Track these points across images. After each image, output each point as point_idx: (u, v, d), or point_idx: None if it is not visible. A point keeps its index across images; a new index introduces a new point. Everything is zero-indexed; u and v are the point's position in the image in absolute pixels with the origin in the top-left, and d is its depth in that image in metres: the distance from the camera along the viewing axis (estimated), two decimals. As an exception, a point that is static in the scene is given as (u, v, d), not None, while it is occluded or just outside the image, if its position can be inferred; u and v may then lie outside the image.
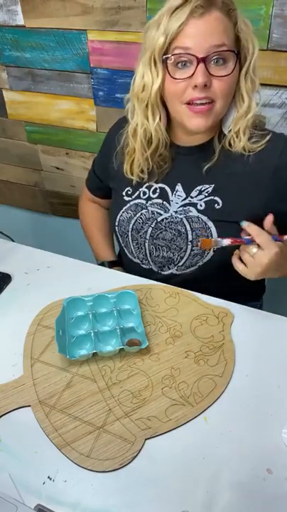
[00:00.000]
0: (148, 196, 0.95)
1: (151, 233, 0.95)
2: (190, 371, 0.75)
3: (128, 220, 0.97)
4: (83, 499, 0.59)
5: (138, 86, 0.82)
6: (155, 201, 0.94)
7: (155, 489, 0.60)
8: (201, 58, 0.74)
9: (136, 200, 0.96)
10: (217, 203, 0.89)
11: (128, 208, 0.97)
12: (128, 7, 1.16)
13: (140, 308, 0.84)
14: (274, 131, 0.87)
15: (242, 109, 0.81)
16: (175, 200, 0.93)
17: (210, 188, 0.89)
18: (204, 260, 0.92)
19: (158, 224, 0.94)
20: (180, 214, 0.92)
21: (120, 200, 0.99)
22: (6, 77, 1.48)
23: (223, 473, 0.62)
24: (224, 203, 0.88)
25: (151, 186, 0.95)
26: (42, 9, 1.28)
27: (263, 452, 0.64)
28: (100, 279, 0.96)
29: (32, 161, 1.67)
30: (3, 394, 0.72)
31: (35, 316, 0.87)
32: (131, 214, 0.97)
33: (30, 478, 0.62)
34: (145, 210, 0.95)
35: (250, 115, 0.81)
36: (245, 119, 0.82)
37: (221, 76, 0.76)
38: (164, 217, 0.93)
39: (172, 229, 0.93)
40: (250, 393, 0.72)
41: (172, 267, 0.96)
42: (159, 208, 0.94)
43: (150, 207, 0.95)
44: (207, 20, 0.73)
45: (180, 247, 0.93)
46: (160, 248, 0.96)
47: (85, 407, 0.70)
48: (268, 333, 0.82)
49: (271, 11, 1.04)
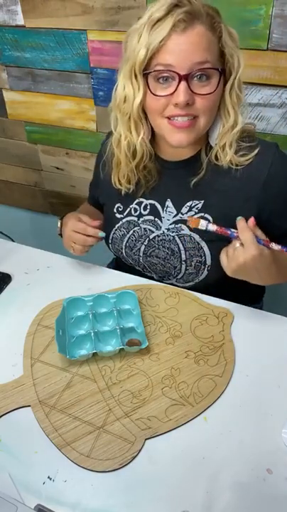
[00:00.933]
0: (140, 213, 0.94)
1: (144, 251, 0.95)
2: (190, 371, 0.75)
3: (121, 238, 0.96)
4: (83, 499, 0.59)
5: (120, 97, 0.78)
6: (147, 218, 0.93)
7: (155, 489, 0.60)
8: (183, 76, 0.71)
9: (128, 218, 0.95)
10: (208, 219, 0.86)
11: (121, 225, 0.96)
12: (128, 7, 1.16)
13: (140, 308, 0.84)
14: (264, 140, 0.84)
15: (228, 123, 0.78)
16: (167, 217, 0.91)
17: (200, 204, 0.87)
18: (200, 278, 0.91)
19: (150, 242, 0.93)
20: (172, 232, 0.90)
21: (112, 217, 0.98)
22: (6, 77, 1.48)
23: (223, 473, 0.62)
24: (214, 219, 0.86)
25: (141, 203, 0.93)
26: (42, 9, 1.28)
27: (263, 452, 0.64)
28: (100, 279, 0.96)
29: (32, 161, 1.67)
30: (3, 394, 0.72)
31: (35, 316, 0.87)
32: (124, 232, 0.96)
33: (30, 478, 0.62)
34: (138, 227, 0.94)
35: (236, 129, 0.78)
36: (231, 133, 0.79)
37: (204, 94, 0.73)
38: (156, 234, 0.92)
39: (165, 247, 0.92)
40: (250, 393, 0.72)
41: (172, 279, 0.96)
42: (151, 225, 0.93)
43: (143, 224, 0.93)
44: (189, 35, 0.69)
45: (175, 266, 0.92)
46: (155, 264, 0.95)
47: (85, 407, 0.70)
48: (268, 333, 0.82)
49: (271, 11, 1.04)
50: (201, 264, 0.89)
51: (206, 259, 0.88)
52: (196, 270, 0.90)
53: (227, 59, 0.74)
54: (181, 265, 0.91)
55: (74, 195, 1.66)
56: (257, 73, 1.13)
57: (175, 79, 0.72)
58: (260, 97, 1.17)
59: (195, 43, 0.70)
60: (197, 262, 0.89)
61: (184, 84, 0.71)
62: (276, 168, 0.82)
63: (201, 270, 0.90)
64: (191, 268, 0.91)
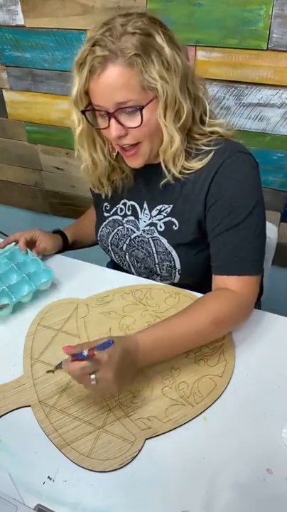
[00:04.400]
0: (125, 213, 0.96)
1: (126, 249, 0.96)
2: (189, 371, 0.75)
3: (107, 235, 0.98)
4: (83, 499, 0.59)
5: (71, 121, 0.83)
6: (130, 218, 0.95)
7: (155, 489, 0.60)
8: (111, 114, 0.75)
9: (114, 217, 0.97)
10: (175, 224, 0.88)
11: (107, 223, 0.98)
12: (128, 7, 1.16)
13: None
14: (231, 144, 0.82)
15: (164, 143, 0.79)
16: (143, 219, 0.93)
17: (169, 208, 0.88)
18: (175, 281, 0.92)
19: (131, 241, 0.95)
20: (147, 234, 0.92)
21: (101, 215, 1.00)
22: (6, 77, 1.48)
23: (223, 473, 0.62)
24: (179, 223, 0.87)
25: (125, 203, 0.96)
26: (42, 9, 1.28)
27: (263, 452, 0.64)
28: (100, 279, 0.96)
29: (32, 161, 1.67)
30: (3, 394, 0.72)
31: (35, 316, 0.87)
32: (110, 229, 0.98)
33: (30, 478, 0.62)
34: (122, 226, 0.96)
35: (175, 147, 0.79)
36: (170, 151, 0.80)
37: (133, 127, 0.76)
38: (136, 235, 0.94)
39: (144, 248, 0.93)
40: (250, 393, 0.72)
41: (156, 278, 0.96)
42: (133, 226, 0.94)
43: (126, 224, 0.95)
44: (105, 78, 0.72)
45: (151, 268, 0.94)
46: (136, 264, 0.97)
47: (85, 407, 0.70)
48: (268, 333, 0.82)
49: (271, 11, 1.04)
50: (171, 268, 0.90)
51: (175, 264, 0.89)
52: (168, 274, 0.92)
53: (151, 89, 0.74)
54: (155, 267, 0.92)
55: (74, 195, 1.66)
56: (257, 73, 1.13)
57: (107, 115, 0.76)
58: (260, 97, 1.17)
59: (111, 84, 0.73)
60: (168, 266, 0.90)
61: (113, 121, 0.76)
62: (222, 172, 0.80)
63: (173, 274, 0.91)
64: (164, 271, 0.92)
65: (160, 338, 0.71)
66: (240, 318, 0.81)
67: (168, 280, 0.94)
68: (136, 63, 0.71)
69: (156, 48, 0.72)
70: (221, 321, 0.76)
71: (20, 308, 0.90)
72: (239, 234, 0.80)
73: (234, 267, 0.80)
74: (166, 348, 0.72)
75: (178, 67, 0.74)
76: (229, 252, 0.80)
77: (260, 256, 0.82)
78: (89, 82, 0.74)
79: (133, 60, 0.71)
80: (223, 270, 0.81)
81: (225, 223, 0.80)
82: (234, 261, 0.80)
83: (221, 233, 0.81)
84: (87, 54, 0.72)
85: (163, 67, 0.73)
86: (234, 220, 0.79)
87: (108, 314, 0.87)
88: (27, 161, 1.68)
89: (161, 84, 0.73)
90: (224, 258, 0.81)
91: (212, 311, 0.75)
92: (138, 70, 0.72)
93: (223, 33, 1.12)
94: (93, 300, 0.90)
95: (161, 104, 0.75)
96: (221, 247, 0.82)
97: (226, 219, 0.80)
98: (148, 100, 0.75)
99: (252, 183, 0.81)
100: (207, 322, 0.74)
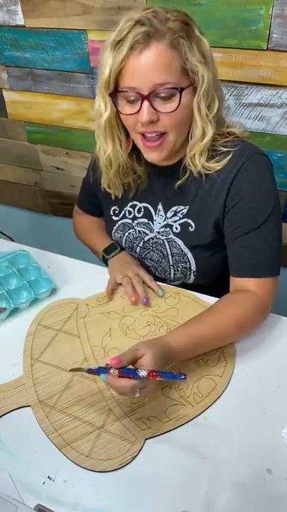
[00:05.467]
0: (134, 216, 0.95)
1: (139, 253, 0.96)
2: (189, 371, 0.75)
3: (120, 240, 0.99)
4: (83, 499, 0.59)
5: (95, 110, 0.81)
6: (141, 221, 0.94)
7: (155, 489, 0.60)
8: (145, 96, 0.72)
9: (123, 220, 0.97)
10: (191, 225, 0.87)
11: (117, 228, 0.98)
12: (128, 7, 1.16)
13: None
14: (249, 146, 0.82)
15: (196, 135, 0.78)
16: (158, 220, 0.92)
17: (185, 209, 0.88)
18: (189, 282, 0.93)
19: (145, 244, 0.95)
20: (162, 235, 0.92)
21: (110, 220, 1.00)
22: (6, 77, 1.48)
23: (223, 473, 0.62)
24: (196, 225, 0.87)
25: (135, 206, 0.95)
26: (42, 9, 1.28)
27: (263, 452, 0.64)
28: (100, 279, 0.96)
29: (32, 161, 1.66)
30: (3, 394, 0.72)
31: (35, 316, 0.87)
32: (121, 234, 0.98)
33: (30, 478, 0.62)
34: (133, 229, 0.96)
35: (206, 140, 0.78)
36: (200, 144, 0.79)
37: (167, 112, 0.74)
38: (150, 237, 0.94)
39: (158, 250, 0.93)
40: (250, 393, 0.72)
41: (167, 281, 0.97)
42: (145, 228, 0.94)
43: (137, 226, 0.95)
44: (147, 56, 0.70)
45: (165, 269, 0.94)
46: (150, 266, 0.97)
47: (85, 407, 0.70)
48: (268, 333, 0.82)
49: (271, 11, 1.04)
50: (187, 269, 0.90)
51: (191, 265, 0.89)
52: (183, 275, 0.92)
53: (190, 74, 0.74)
54: (170, 269, 0.92)
55: (74, 195, 1.65)
56: (257, 73, 1.13)
57: (139, 99, 0.73)
58: (260, 97, 1.17)
59: (153, 63, 0.70)
60: (183, 267, 0.90)
61: (147, 104, 0.73)
62: (242, 175, 0.80)
63: (188, 275, 0.91)
64: (178, 273, 0.92)
65: (189, 342, 0.72)
66: (260, 320, 0.82)
67: (180, 281, 0.94)
68: (181, 45, 0.71)
69: (196, 38, 0.73)
70: (243, 323, 0.77)
71: (19, 308, 0.90)
72: (259, 237, 0.80)
73: (253, 269, 0.80)
74: (193, 350, 0.74)
75: (212, 61, 0.75)
76: (249, 255, 0.80)
77: (278, 257, 0.82)
78: (127, 60, 0.71)
79: (179, 42, 0.71)
80: (242, 272, 0.81)
81: (244, 226, 0.80)
82: (253, 263, 0.80)
83: (241, 236, 0.81)
84: (128, 31, 0.70)
85: (202, 57, 0.73)
86: (254, 224, 0.79)
87: (108, 314, 0.87)
88: (27, 161, 1.68)
89: (202, 70, 0.73)
90: (243, 260, 0.81)
91: (235, 313, 0.77)
92: (181, 53, 0.71)
93: (223, 33, 1.12)
94: (93, 300, 0.90)
95: (199, 92, 0.74)
96: (240, 250, 0.82)
97: (245, 222, 0.80)
98: (186, 86, 0.74)
99: (270, 186, 0.81)
100: (231, 324, 0.76)
